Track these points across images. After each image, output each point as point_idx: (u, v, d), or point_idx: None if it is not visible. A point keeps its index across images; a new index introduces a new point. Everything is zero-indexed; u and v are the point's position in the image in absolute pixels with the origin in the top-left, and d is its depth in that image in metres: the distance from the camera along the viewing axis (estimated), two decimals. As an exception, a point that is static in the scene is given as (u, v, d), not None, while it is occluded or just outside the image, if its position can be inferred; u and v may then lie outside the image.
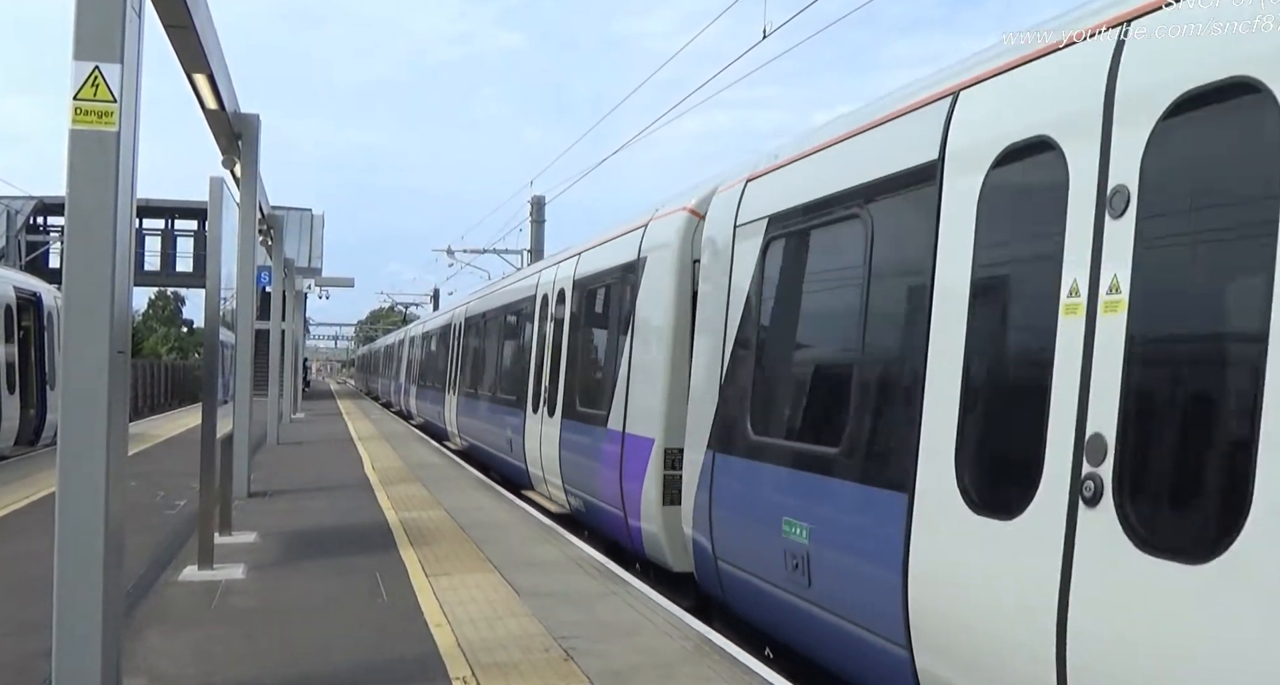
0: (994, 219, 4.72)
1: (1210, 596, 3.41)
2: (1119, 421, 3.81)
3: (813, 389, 6.65)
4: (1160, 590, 3.58)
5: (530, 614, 6.94)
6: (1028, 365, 4.54)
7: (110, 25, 4.63)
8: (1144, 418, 3.79)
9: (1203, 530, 3.53)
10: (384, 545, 9.51)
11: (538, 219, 33.40)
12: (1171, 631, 3.54)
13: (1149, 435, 3.79)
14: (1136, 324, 3.82)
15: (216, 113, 10.69)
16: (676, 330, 8.66)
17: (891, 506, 5.10)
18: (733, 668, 5.82)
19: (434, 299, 65.93)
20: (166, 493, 12.47)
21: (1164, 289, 3.83)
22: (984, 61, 5.09)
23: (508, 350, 16.13)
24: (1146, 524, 3.70)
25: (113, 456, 4.65)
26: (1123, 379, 3.82)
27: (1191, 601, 3.46)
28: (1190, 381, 3.83)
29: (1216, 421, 3.60)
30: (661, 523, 8.63)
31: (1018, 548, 4.26)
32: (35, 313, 17.99)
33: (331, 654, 6.02)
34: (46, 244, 42.92)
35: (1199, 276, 3.85)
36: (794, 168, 6.94)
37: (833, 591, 5.76)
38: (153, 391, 38.65)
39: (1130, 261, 3.86)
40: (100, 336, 4.63)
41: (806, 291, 6.83)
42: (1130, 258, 3.87)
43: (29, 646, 5.76)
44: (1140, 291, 3.83)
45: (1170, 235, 3.85)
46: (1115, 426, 3.82)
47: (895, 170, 5.53)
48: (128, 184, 4.74)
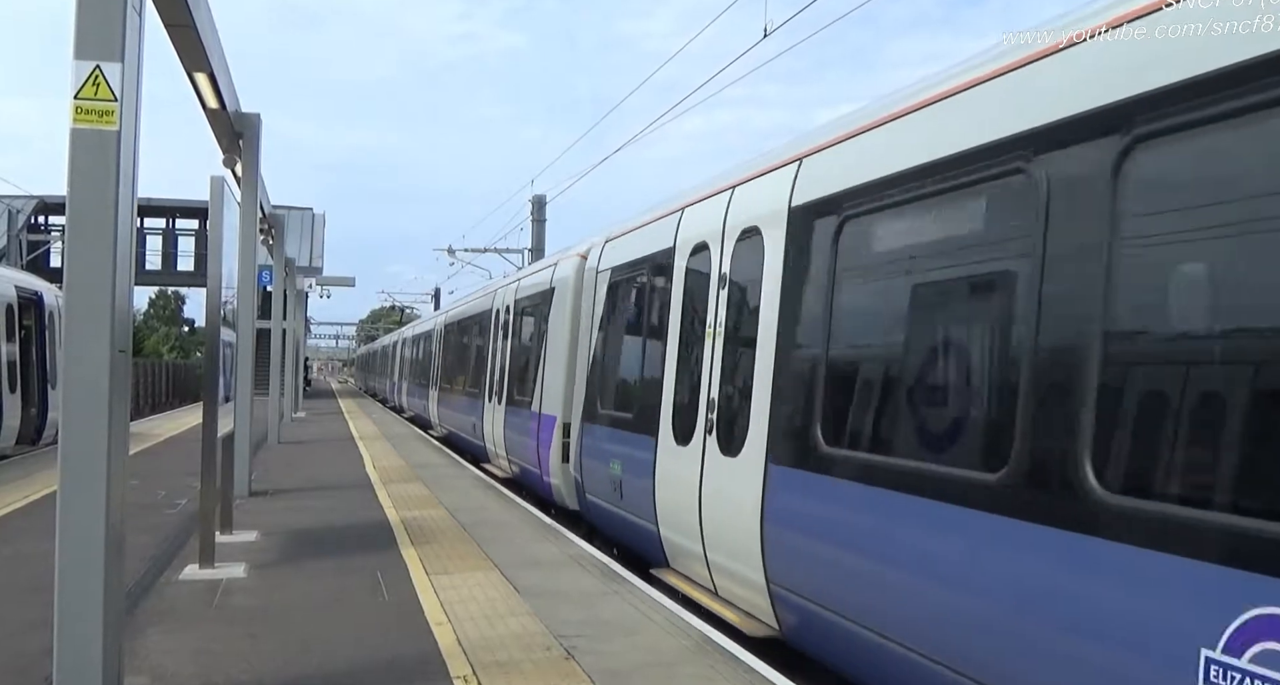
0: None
1: (732, 471, 6.96)
2: (712, 397, 7.49)
3: (622, 380, 10.15)
4: (722, 471, 7.14)
5: (531, 613, 6.95)
6: (689, 370, 8.04)
7: (111, 24, 4.63)
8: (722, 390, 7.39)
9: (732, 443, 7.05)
10: (385, 544, 9.52)
11: (538, 218, 33.36)
12: (724, 485, 7.10)
13: (726, 401, 7.31)
14: (745, 345, 7.09)
15: (217, 112, 10.69)
16: (570, 339, 11.98)
17: (649, 444, 8.53)
18: (734, 666, 5.82)
19: (435, 298, 65.87)
20: (167, 491, 12.47)
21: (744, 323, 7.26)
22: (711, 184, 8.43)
23: (472, 353, 19.85)
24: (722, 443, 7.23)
25: (114, 455, 4.66)
26: (721, 372, 7.48)
27: (728, 473, 7.01)
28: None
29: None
30: (561, 476, 11.94)
31: (689, 459, 7.71)
32: (37, 312, 17.99)
33: (333, 653, 6.02)
34: (47, 243, 42.91)
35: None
36: (619, 241, 10.43)
37: (629, 499, 9.10)
38: (154, 390, 38.66)
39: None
40: (101, 336, 4.63)
41: (630, 318, 10.14)
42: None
43: (30, 645, 5.76)
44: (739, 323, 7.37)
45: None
46: (713, 399, 7.45)
47: (665, 246, 8.82)
48: (129, 183, 4.74)
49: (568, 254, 13.13)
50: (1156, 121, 3.81)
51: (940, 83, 5.31)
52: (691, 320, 8.15)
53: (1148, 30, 3.93)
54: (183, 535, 9.71)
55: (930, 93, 5.34)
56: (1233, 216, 3.66)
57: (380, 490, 13.53)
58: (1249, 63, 3.46)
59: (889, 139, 5.66)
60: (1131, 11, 4.03)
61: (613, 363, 10.39)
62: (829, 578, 5.79)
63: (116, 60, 4.62)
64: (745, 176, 7.57)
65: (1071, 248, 4.14)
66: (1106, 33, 4.13)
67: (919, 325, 5.37)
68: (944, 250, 5.18)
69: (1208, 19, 3.65)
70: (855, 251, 5.96)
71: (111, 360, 4.63)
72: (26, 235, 42.13)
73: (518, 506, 12.33)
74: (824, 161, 6.37)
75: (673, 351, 8.38)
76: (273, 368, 21.82)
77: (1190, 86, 3.68)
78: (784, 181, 6.75)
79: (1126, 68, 3.98)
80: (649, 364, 9.07)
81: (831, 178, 6.18)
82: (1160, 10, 3.90)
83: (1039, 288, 4.24)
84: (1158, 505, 3.63)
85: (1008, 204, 4.73)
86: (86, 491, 4.59)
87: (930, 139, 5.18)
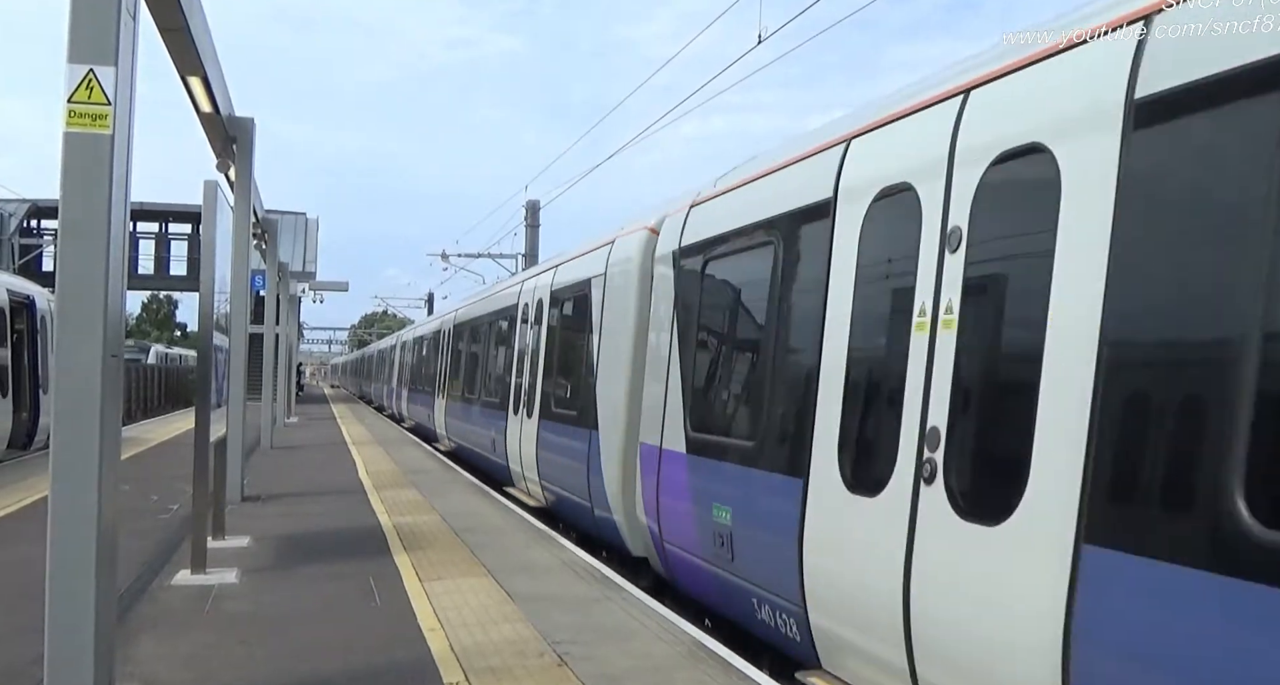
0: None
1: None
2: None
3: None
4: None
5: (524, 619, 6.93)
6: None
7: (105, 28, 4.61)
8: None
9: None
10: (378, 550, 9.49)
11: (532, 223, 33.38)
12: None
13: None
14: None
15: (211, 116, 10.68)
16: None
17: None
18: (728, 672, 5.81)
19: (428, 303, 65.79)
20: (160, 496, 12.43)
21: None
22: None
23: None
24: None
25: (106, 460, 4.63)
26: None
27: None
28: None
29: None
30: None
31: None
32: (29, 316, 17.93)
33: (325, 659, 6.00)
34: (40, 247, 42.83)
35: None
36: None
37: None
38: (146, 395, 38.53)
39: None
40: (94, 340, 4.61)
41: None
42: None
43: (21, 652, 5.72)
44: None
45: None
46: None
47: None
48: (121, 187, 4.72)
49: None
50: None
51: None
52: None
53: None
54: (175, 540, 9.67)
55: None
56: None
57: (373, 495, 13.49)
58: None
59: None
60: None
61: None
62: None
63: (110, 64, 4.60)
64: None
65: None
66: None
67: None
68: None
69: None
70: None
71: (104, 364, 4.61)
72: (19, 239, 42.02)
73: (511, 512, 12.30)
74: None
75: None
76: (265, 373, 21.77)
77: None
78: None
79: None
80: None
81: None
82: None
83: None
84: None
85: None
86: (78, 496, 4.56)
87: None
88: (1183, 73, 3.62)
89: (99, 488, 4.58)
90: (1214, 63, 3.49)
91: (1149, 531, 3.50)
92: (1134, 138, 3.79)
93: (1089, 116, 4.04)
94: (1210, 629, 3.24)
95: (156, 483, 13.58)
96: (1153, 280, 3.68)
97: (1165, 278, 3.64)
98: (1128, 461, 3.67)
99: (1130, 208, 3.77)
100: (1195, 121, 3.61)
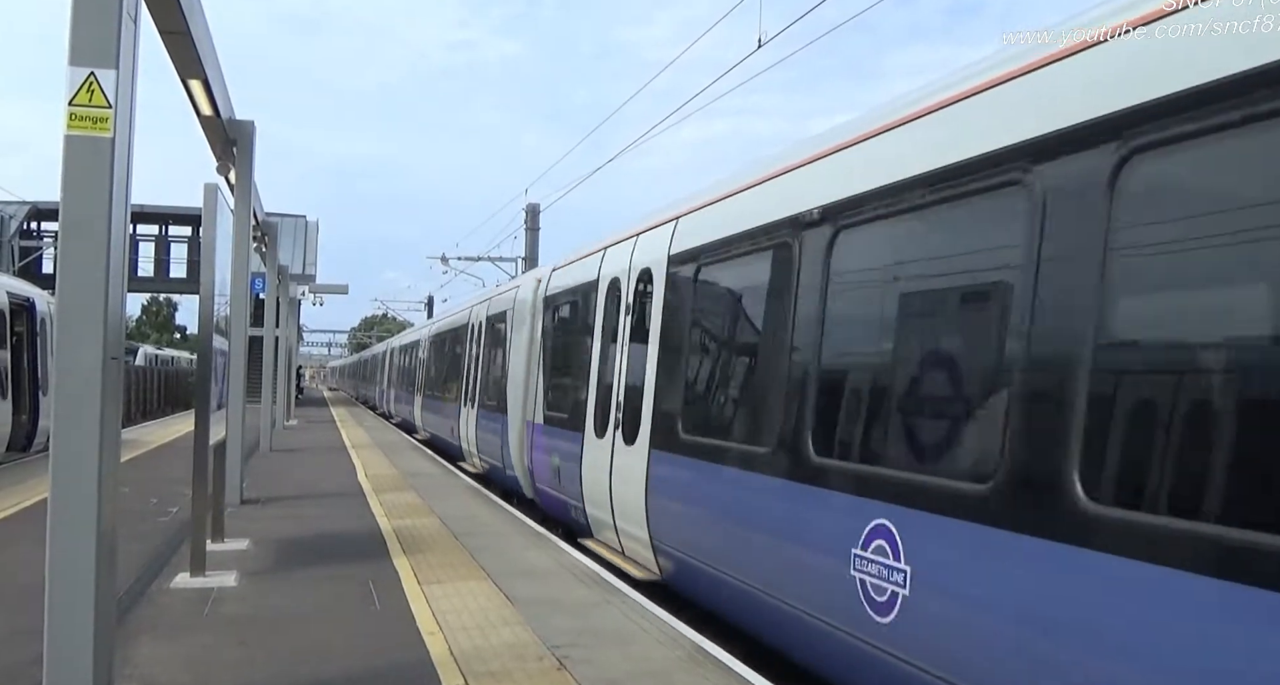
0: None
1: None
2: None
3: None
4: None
5: (523, 622, 6.93)
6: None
7: (106, 31, 4.62)
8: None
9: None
10: (377, 553, 9.49)
11: (532, 227, 33.37)
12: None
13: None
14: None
15: (212, 119, 10.69)
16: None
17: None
18: (727, 677, 5.80)
19: (428, 306, 65.76)
20: (159, 499, 12.42)
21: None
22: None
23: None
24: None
25: (105, 463, 4.63)
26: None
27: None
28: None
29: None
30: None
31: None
32: (29, 318, 17.93)
33: (324, 662, 6.00)
34: (40, 250, 42.84)
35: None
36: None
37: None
38: (145, 397, 38.53)
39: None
40: (94, 342, 4.61)
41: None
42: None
43: (20, 654, 5.72)
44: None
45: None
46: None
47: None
48: (122, 189, 4.72)
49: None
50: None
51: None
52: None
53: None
54: (174, 543, 9.67)
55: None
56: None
57: (372, 498, 13.49)
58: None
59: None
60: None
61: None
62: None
63: (111, 67, 4.60)
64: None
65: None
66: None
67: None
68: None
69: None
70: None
71: (104, 367, 4.61)
72: (19, 241, 42.04)
73: (510, 515, 12.30)
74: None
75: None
76: (265, 375, 21.77)
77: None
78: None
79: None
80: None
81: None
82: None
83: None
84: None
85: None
86: (78, 499, 4.56)
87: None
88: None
89: (99, 490, 4.58)
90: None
91: (664, 442, 8.20)
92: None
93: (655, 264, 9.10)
94: (682, 475, 7.89)
95: (156, 485, 13.57)
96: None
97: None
98: (660, 415, 8.38)
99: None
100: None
